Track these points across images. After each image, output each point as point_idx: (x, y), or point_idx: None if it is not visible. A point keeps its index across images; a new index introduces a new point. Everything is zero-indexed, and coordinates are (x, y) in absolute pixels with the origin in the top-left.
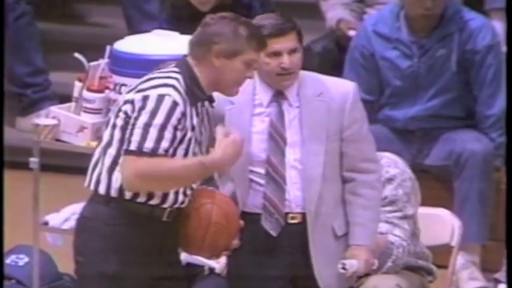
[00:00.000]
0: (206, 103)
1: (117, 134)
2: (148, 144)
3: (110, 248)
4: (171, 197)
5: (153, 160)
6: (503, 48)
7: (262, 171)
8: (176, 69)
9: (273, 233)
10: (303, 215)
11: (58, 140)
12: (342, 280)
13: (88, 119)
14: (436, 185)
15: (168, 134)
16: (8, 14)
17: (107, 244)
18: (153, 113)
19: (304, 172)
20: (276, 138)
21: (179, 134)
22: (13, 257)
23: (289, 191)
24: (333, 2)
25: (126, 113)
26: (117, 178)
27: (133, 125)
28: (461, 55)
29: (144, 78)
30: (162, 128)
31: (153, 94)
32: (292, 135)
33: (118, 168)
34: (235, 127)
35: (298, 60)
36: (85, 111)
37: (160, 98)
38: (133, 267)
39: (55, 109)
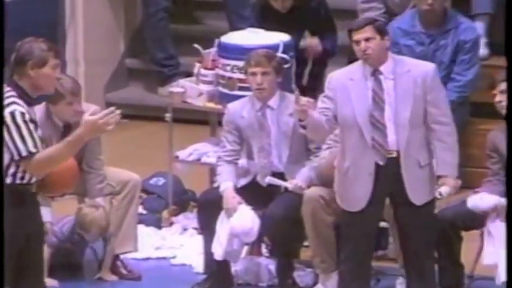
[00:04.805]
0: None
1: None
2: (31, 148)
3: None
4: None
5: (40, 155)
6: (482, 41)
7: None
8: (9, 89)
9: (381, 162)
10: (398, 152)
11: (184, 102)
12: (426, 194)
13: (204, 87)
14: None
15: (35, 135)
16: (150, 18)
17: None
18: (18, 127)
19: (396, 123)
20: (377, 100)
21: (36, 133)
22: (155, 179)
23: (388, 135)
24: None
25: None
26: (9, 166)
27: (12, 138)
28: (456, 44)
29: None
30: (31, 133)
31: (6, 114)
32: (389, 98)
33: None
34: (357, 94)
35: (376, 46)
36: (202, 83)
37: (13, 115)
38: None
39: (183, 81)
